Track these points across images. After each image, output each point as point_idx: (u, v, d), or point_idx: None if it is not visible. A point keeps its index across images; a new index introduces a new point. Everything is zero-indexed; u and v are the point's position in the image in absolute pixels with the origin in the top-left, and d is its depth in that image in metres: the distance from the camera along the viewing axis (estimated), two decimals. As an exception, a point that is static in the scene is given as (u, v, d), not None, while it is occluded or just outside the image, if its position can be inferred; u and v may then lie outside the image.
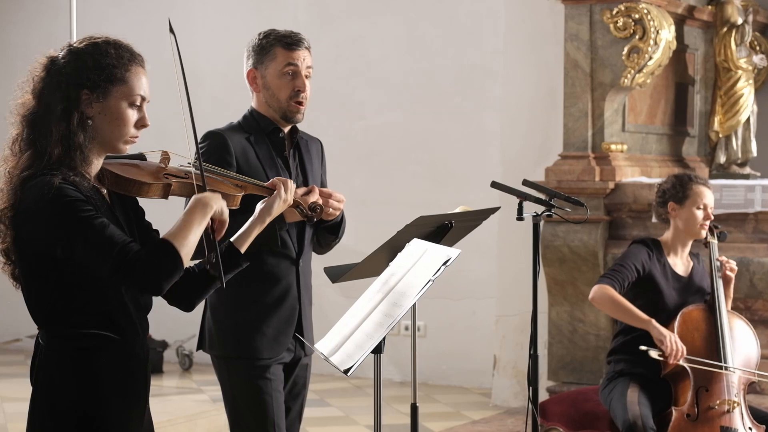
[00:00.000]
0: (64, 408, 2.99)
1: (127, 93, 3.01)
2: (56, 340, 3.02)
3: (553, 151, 7.48)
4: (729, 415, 4.82)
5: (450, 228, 4.06)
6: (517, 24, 7.88)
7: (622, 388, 4.96)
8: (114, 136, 3.02)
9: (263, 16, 9.24)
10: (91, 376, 3.00)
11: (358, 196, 8.83)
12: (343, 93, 8.91)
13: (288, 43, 4.06)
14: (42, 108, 3.00)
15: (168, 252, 2.88)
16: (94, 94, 2.99)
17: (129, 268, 2.85)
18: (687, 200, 5.08)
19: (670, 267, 5.10)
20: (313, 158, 4.22)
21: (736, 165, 7.81)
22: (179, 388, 8.32)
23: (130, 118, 3.03)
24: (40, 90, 3.02)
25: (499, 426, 7.18)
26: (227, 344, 4.02)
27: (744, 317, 5.19)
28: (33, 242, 2.95)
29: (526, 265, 5.63)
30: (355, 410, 7.76)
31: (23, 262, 3.00)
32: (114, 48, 3.03)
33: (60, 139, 2.96)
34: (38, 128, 2.99)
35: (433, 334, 8.66)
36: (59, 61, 3.02)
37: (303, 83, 4.06)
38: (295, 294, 4.07)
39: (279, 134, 4.09)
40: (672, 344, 4.84)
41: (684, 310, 5.00)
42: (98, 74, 2.99)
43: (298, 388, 4.17)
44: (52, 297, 2.99)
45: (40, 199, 2.90)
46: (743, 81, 7.78)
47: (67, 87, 2.98)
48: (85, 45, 3.03)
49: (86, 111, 2.99)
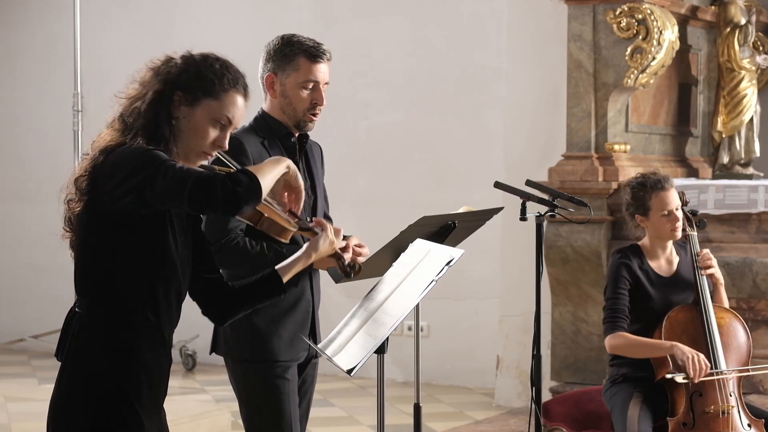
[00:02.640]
0: (96, 378, 3.07)
1: (215, 109, 3.13)
2: (98, 310, 3.10)
3: (556, 152, 7.48)
4: (725, 418, 4.76)
5: (453, 228, 4.07)
6: (521, 24, 7.88)
7: (624, 399, 4.87)
8: (189, 145, 3.13)
9: (267, 16, 9.25)
10: (127, 351, 3.09)
11: (362, 196, 8.84)
12: (347, 93, 8.92)
13: (313, 55, 4.02)
14: (141, 94, 3.13)
15: (249, 176, 2.99)
16: (185, 98, 3.11)
17: (211, 184, 2.93)
18: (650, 211, 4.95)
19: (653, 271, 5.00)
20: (317, 163, 4.24)
21: (739, 165, 7.81)
22: (182, 387, 8.33)
23: (209, 134, 3.13)
24: (146, 81, 3.14)
25: (502, 426, 7.18)
26: (244, 348, 4.02)
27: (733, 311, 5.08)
28: (111, 197, 3.03)
29: (529, 265, 5.63)
30: (359, 410, 7.76)
31: (90, 227, 3.10)
32: (220, 65, 3.16)
33: (145, 123, 3.08)
34: (130, 109, 3.11)
35: (436, 334, 8.66)
36: (172, 62, 3.15)
37: (321, 97, 4.05)
38: (309, 297, 4.09)
39: (291, 139, 4.10)
40: (695, 364, 4.70)
41: (670, 314, 4.89)
42: (195, 81, 3.11)
43: (306, 386, 4.20)
44: (106, 267, 3.08)
45: (125, 152, 3.02)
46: (746, 81, 7.78)
47: (167, 82, 3.10)
48: (198, 55, 3.17)
49: (173, 111, 3.11)
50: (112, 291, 3.09)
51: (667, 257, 5.06)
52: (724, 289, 5.07)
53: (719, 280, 5.02)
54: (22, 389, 8.07)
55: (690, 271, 5.03)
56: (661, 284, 4.99)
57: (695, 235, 5.05)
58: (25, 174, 10.30)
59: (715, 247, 6.71)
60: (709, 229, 6.80)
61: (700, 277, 4.95)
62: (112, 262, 3.08)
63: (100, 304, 3.10)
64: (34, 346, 9.53)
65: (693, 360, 4.70)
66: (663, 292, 4.98)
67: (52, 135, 9.98)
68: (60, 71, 9.48)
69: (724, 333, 4.91)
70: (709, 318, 4.88)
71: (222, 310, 3.32)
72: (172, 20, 9.76)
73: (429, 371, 8.45)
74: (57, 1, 9.93)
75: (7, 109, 10.54)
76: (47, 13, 10.18)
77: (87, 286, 3.12)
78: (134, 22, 9.87)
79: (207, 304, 3.31)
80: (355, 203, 8.69)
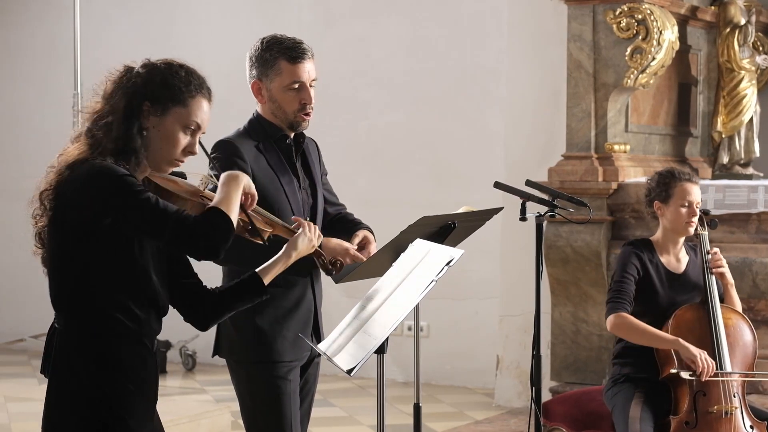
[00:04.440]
0: (83, 394, 3.06)
1: (184, 116, 3.14)
2: (75, 323, 3.09)
3: (556, 152, 7.48)
4: (728, 418, 4.76)
5: (453, 228, 4.07)
6: (521, 25, 7.89)
7: (626, 398, 4.87)
8: (161, 154, 3.14)
9: (267, 16, 9.25)
10: (110, 360, 3.08)
11: (362, 196, 8.83)
12: (347, 93, 8.91)
13: (292, 57, 4.00)
14: (107, 108, 3.12)
15: (222, 216, 3.03)
16: (153, 108, 3.11)
17: (189, 232, 2.98)
18: (671, 198, 4.97)
19: (663, 266, 5.01)
20: (315, 160, 4.24)
21: (739, 165, 7.81)
22: (182, 388, 8.33)
23: (180, 141, 3.14)
24: (109, 94, 3.14)
25: (502, 426, 7.18)
26: (249, 349, 4.01)
27: (740, 312, 5.09)
28: (77, 214, 3.03)
29: (529, 265, 5.63)
30: (359, 410, 7.77)
31: (55, 241, 3.10)
32: (185, 72, 3.17)
33: (116, 138, 3.08)
34: (98, 123, 3.11)
35: (436, 334, 8.66)
36: (134, 72, 3.15)
37: (309, 96, 4.03)
38: (311, 296, 4.09)
39: (286, 141, 4.09)
40: (703, 362, 4.71)
41: (677, 312, 4.90)
42: (163, 91, 3.11)
43: (309, 385, 4.20)
44: (77, 279, 3.08)
45: (92, 172, 3.01)
46: (746, 81, 7.78)
47: (134, 94, 3.10)
48: (161, 63, 3.17)
49: (143, 122, 3.11)
50: (86, 303, 3.08)
51: (677, 254, 5.07)
52: (734, 291, 5.08)
53: (729, 281, 5.03)
54: (22, 389, 8.07)
55: (699, 273, 5.03)
56: (669, 280, 5.00)
57: (706, 235, 5.08)
58: (25, 174, 10.26)
59: (715, 247, 6.70)
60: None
61: (709, 277, 4.96)
62: (82, 275, 3.07)
63: (75, 317, 3.09)
64: (34, 346, 9.51)
65: (701, 358, 4.72)
66: (670, 289, 4.99)
67: (52, 135, 9.91)
68: (60, 71, 9.49)
69: (730, 334, 4.92)
70: (717, 318, 4.88)
71: (203, 314, 3.30)
72: (172, 20, 9.76)
73: (429, 371, 8.45)
74: (57, 1, 9.93)
75: (7, 109, 10.54)
76: (47, 13, 10.18)
77: (61, 301, 3.12)
78: (134, 22, 9.87)
79: (187, 310, 3.29)
80: (355, 203, 8.60)
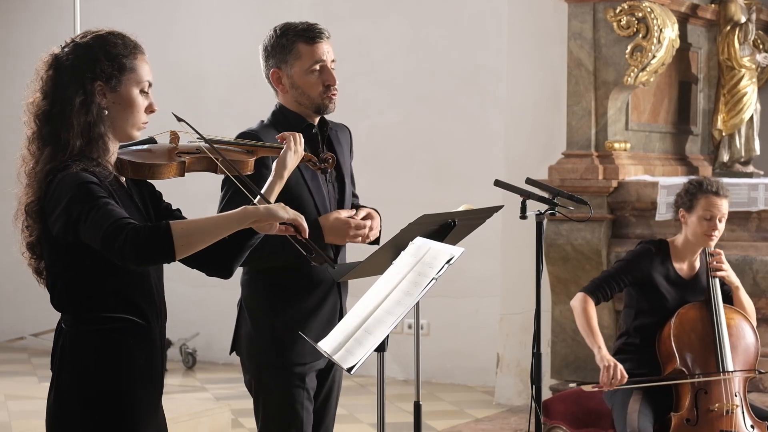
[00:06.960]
0: (91, 388, 3.06)
1: (137, 80, 3.12)
2: (81, 323, 3.09)
3: (556, 150, 7.48)
4: (729, 417, 4.77)
5: (453, 226, 4.06)
6: (521, 23, 7.89)
7: (625, 395, 4.90)
8: (128, 124, 3.12)
9: (267, 16, 9.24)
10: (117, 357, 3.07)
11: (363, 195, 8.75)
12: (348, 93, 8.86)
13: (310, 38, 4.00)
14: (57, 104, 3.08)
15: (160, 234, 2.88)
16: (107, 85, 3.08)
17: (114, 237, 2.86)
18: (695, 208, 5.01)
19: (674, 270, 5.04)
20: (344, 148, 4.19)
21: (740, 163, 7.81)
22: (182, 386, 8.33)
23: (141, 104, 3.14)
24: (51, 87, 3.09)
25: (502, 424, 7.18)
26: (269, 350, 3.99)
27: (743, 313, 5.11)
28: (56, 229, 3.02)
29: (529, 263, 5.63)
30: (359, 408, 7.77)
31: (48, 252, 3.10)
32: (120, 39, 3.13)
33: (81, 131, 3.05)
34: (57, 123, 3.07)
35: (436, 332, 8.67)
36: (65, 57, 3.09)
37: (332, 77, 4.00)
38: (336, 295, 4.08)
39: (312, 130, 4.05)
40: (609, 373, 4.78)
41: (680, 310, 4.94)
42: (110, 65, 3.09)
43: (333, 391, 4.16)
44: (76, 283, 3.07)
45: (65, 181, 2.99)
46: (746, 79, 7.78)
47: (83, 80, 3.07)
48: (90, 38, 3.11)
49: (100, 102, 3.08)
50: (89, 302, 3.08)
51: (692, 262, 5.10)
52: (743, 293, 5.10)
53: (734, 283, 5.05)
54: (22, 387, 8.08)
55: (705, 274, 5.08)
56: (679, 284, 5.04)
57: None
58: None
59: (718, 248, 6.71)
60: (709, 228, 6.81)
61: (711, 277, 4.98)
62: (82, 279, 3.07)
63: (80, 318, 3.10)
64: (35, 344, 9.53)
65: (609, 369, 4.79)
66: (678, 292, 5.03)
67: (53, 134, 9.97)
68: (60, 71, 9.48)
69: (732, 334, 4.94)
70: (719, 317, 4.90)
71: (221, 262, 3.19)
72: (172, 20, 9.76)
73: (429, 369, 8.46)
74: (57, 1, 9.93)
75: (7, 109, 10.52)
76: (47, 13, 10.18)
77: (64, 305, 3.12)
78: (134, 22, 9.84)
79: (206, 265, 3.20)
80: (356, 202, 8.68)
